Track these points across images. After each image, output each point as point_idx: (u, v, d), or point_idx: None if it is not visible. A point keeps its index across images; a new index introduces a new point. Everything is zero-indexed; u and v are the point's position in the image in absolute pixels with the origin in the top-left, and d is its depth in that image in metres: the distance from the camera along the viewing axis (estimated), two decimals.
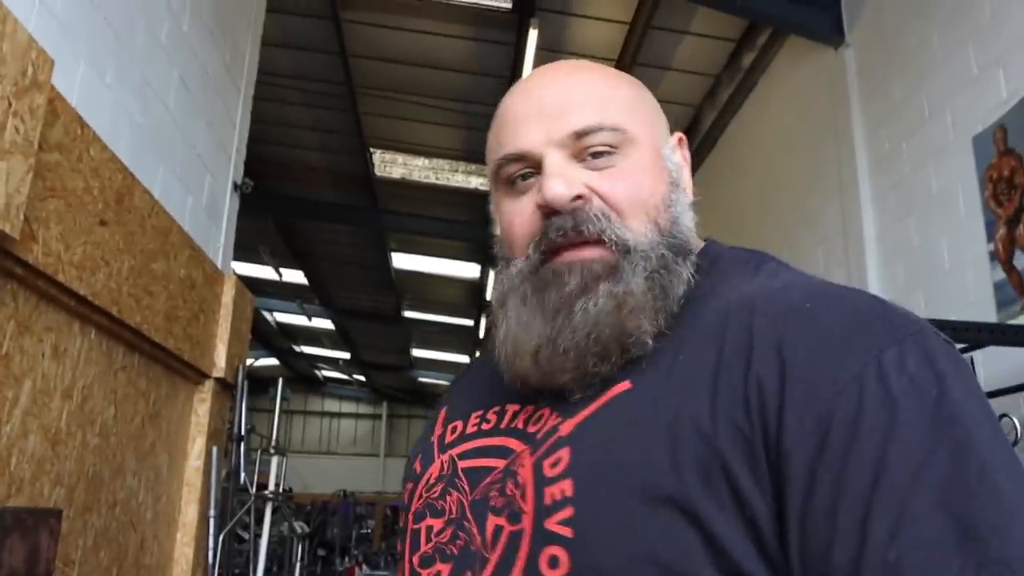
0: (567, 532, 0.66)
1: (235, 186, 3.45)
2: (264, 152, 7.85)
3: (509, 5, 5.55)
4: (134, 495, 2.47)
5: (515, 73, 6.23)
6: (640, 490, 0.64)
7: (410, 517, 0.81)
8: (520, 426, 0.77)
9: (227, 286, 3.16)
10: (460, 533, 0.74)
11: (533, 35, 5.47)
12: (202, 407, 3.00)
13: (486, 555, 0.70)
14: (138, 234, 2.34)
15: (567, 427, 0.71)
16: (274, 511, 3.98)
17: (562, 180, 0.75)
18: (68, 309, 2.02)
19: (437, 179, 8.69)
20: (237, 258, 3.57)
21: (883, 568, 0.55)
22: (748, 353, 0.66)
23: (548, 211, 0.76)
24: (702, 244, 0.84)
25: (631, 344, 0.72)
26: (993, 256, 2.99)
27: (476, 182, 8.63)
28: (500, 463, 0.75)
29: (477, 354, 16.51)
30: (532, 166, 0.79)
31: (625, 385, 0.72)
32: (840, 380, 0.62)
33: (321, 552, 18.03)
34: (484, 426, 0.81)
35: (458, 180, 8.69)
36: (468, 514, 0.74)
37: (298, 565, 5.05)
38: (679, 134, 0.88)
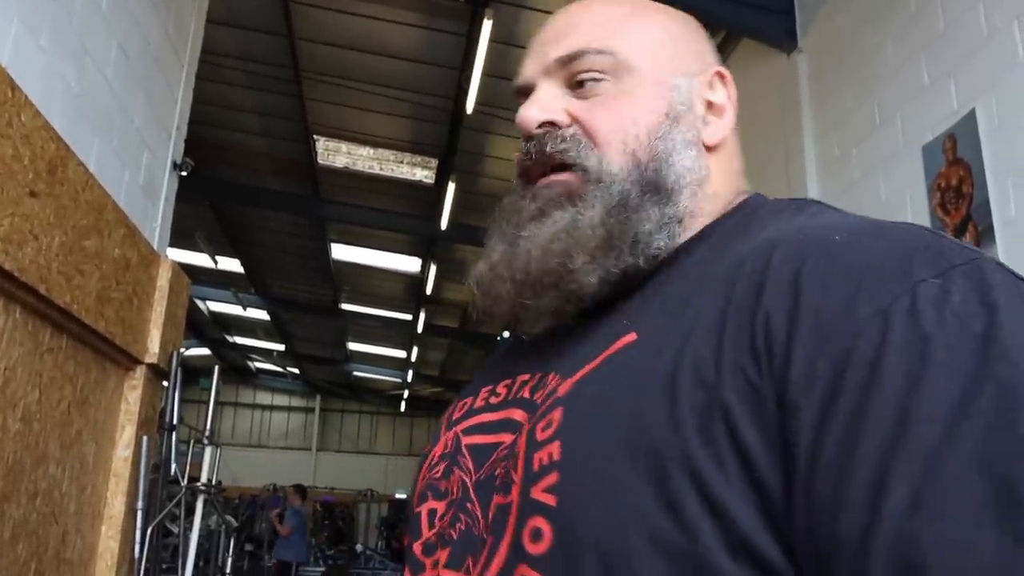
0: (551, 500, 0.57)
1: (174, 165, 3.30)
2: (204, 134, 7.64)
3: None
4: (57, 485, 2.33)
5: (466, 64, 6.16)
6: (630, 447, 0.55)
7: (415, 500, 0.75)
8: (527, 395, 0.70)
9: (163, 269, 3.02)
10: (461, 515, 0.66)
11: (487, 26, 5.40)
12: (133, 394, 2.85)
13: (484, 537, 0.63)
14: (70, 208, 2.20)
15: (564, 387, 0.64)
16: (204, 504, 3.84)
17: (536, 106, 0.74)
18: None
19: (381, 170, 8.58)
20: (172, 244, 3.43)
21: (898, 542, 0.44)
22: (760, 289, 0.56)
23: (524, 136, 0.75)
24: (739, 200, 0.76)
25: (566, 279, 0.68)
26: (932, 229, 3.03)
27: (421, 174, 8.54)
28: (507, 437, 0.68)
29: (415, 350, 16.41)
30: (529, 95, 0.77)
31: (630, 337, 0.63)
32: (863, 315, 0.50)
33: (249, 547, 17.72)
34: (492, 400, 0.74)
35: (403, 171, 8.59)
36: (472, 495, 0.67)
37: (229, 559, 4.90)
38: (717, 69, 0.79)
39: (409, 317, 14.01)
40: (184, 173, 3.39)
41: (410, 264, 11.48)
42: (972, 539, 0.42)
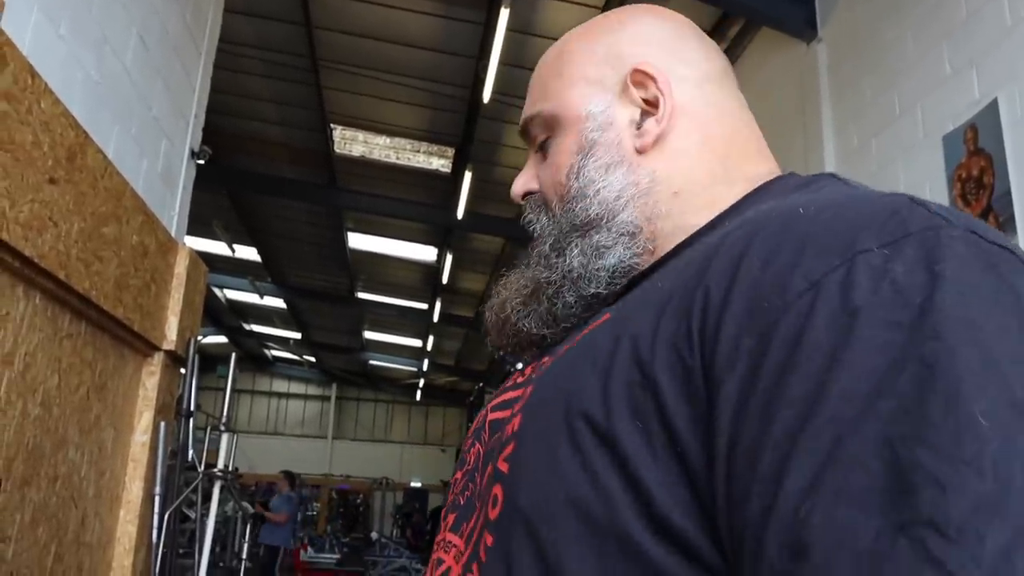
0: (505, 468, 0.61)
1: (192, 153, 3.32)
2: (222, 123, 7.67)
3: None
4: (76, 469, 2.36)
5: (483, 53, 6.15)
6: (567, 419, 0.56)
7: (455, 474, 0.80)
8: (535, 375, 0.74)
9: (181, 256, 3.03)
10: (470, 484, 0.70)
11: (504, 15, 5.38)
12: (151, 380, 2.87)
13: (475, 504, 0.67)
14: (89, 195, 2.22)
15: (546, 364, 0.69)
16: (221, 490, 3.87)
17: (517, 180, 0.83)
18: (12, 271, 1.90)
19: (398, 159, 8.58)
20: (190, 232, 3.44)
21: (793, 525, 0.41)
22: (707, 264, 0.54)
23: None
24: (752, 189, 0.72)
25: (508, 328, 0.79)
26: (925, 200, 3.00)
27: (438, 163, 8.54)
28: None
29: (431, 339, 16.45)
30: None
31: (604, 317, 0.67)
32: (794, 288, 0.47)
33: None
34: (519, 379, 0.77)
35: (419, 160, 8.58)
36: (480, 464, 0.70)
37: (245, 545, 4.94)
38: (634, 67, 0.75)
39: (425, 306, 14.04)
40: (202, 161, 3.40)
41: (426, 253, 11.49)
42: (857, 524, 0.40)
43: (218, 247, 11.48)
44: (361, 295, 14.10)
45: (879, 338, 0.43)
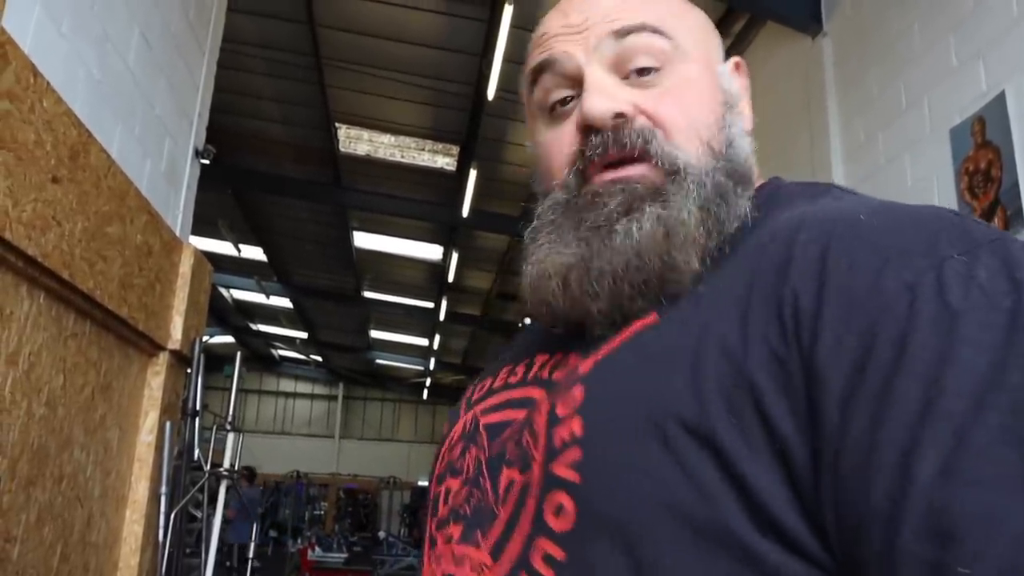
0: (574, 477, 0.57)
1: (196, 152, 3.31)
2: (226, 122, 7.67)
3: None
4: (81, 469, 2.35)
5: (487, 50, 6.14)
6: (654, 421, 0.55)
7: (434, 481, 0.75)
8: (545, 375, 0.70)
9: (185, 255, 3.03)
10: (475, 491, 0.66)
11: (508, 12, 5.37)
12: (156, 380, 2.87)
13: (496, 510, 0.63)
14: (93, 194, 2.21)
15: (585, 366, 0.63)
16: (228, 490, 3.87)
17: (603, 95, 0.67)
18: (15, 270, 1.89)
19: (403, 157, 8.58)
20: (195, 232, 3.44)
21: (930, 512, 0.44)
22: (787, 265, 0.56)
23: (588, 129, 0.68)
24: (759, 178, 0.75)
25: (674, 279, 0.63)
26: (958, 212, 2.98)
27: (443, 161, 8.53)
28: (521, 414, 0.67)
29: (437, 337, 16.44)
30: (570, 85, 0.71)
31: (650, 319, 0.63)
32: (889, 290, 0.50)
33: (273, 533, 17.89)
34: (511, 379, 0.74)
35: (424, 159, 8.58)
36: (484, 471, 0.67)
37: (252, 545, 4.95)
38: (737, 59, 0.78)
39: (431, 305, 14.04)
40: (206, 161, 3.39)
41: (432, 252, 11.49)
42: (1006, 508, 0.43)
43: (224, 247, 11.50)
44: (367, 294, 14.10)
45: (981, 339, 0.47)
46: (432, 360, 19.10)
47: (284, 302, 15.38)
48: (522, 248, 0.75)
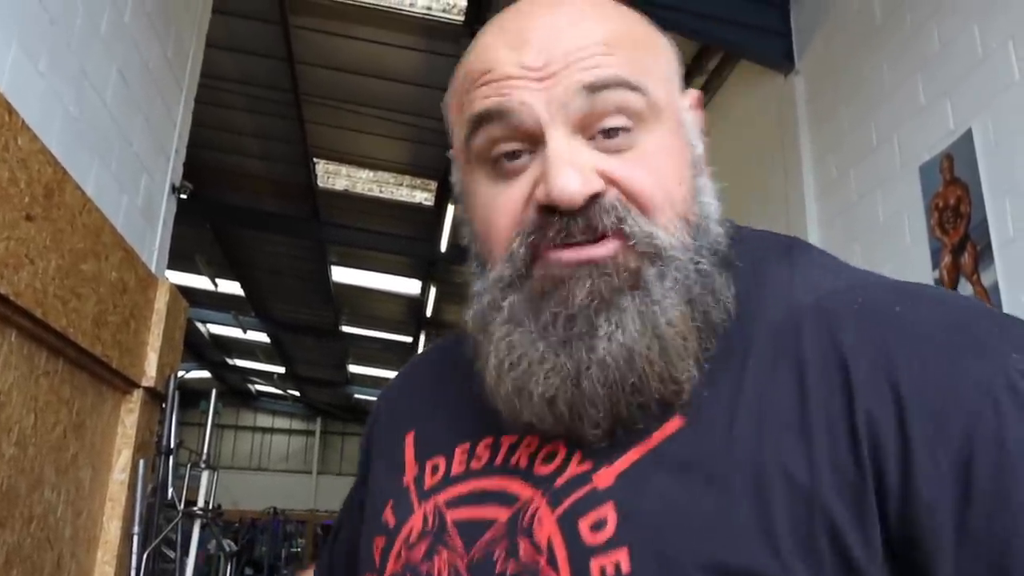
0: None
1: (173, 188, 3.31)
2: (204, 157, 7.66)
3: (462, 18, 5.51)
4: (52, 510, 2.31)
5: None
6: (718, 565, 0.50)
7: None
8: (523, 464, 0.61)
9: (161, 291, 3.01)
10: None
11: None
12: (129, 418, 2.84)
13: None
14: (67, 232, 2.20)
15: (605, 478, 0.55)
16: (203, 528, 3.81)
17: (574, 171, 0.57)
18: None
19: (381, 192, 8.59)
20: (172, 267, 3.43)
21: None
22: (845, 379, 0.52)
23: (550, 210, 0.58)
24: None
25: (674, 392, 0.56)
26: (938, 283, 3.02)
27: (421, 196, 8.56)
28: (501, 513, 0.59)
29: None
30: (522, 139, 0.61)
31: (676, 423, 0.56)
32: (967, 399, 0.50)
33: (249, 571, 17.60)
34: (474, 464, 0.64)
35: (403, 194, 8.60)
36: None
37: None
38: (695, 92, 0.69)
39: (410, 339, 13.98)
40: (183, 196, 3.39)
41: (410, 286, 11.48)
42: None
43: (201, 281, 11.43)
44: (345, 329, 14.04)
45: None
46: None
47: (261, 337, 15.27)
48: (470, 338, 0.64)
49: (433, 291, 10.99)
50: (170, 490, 3.15)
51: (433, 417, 0.72)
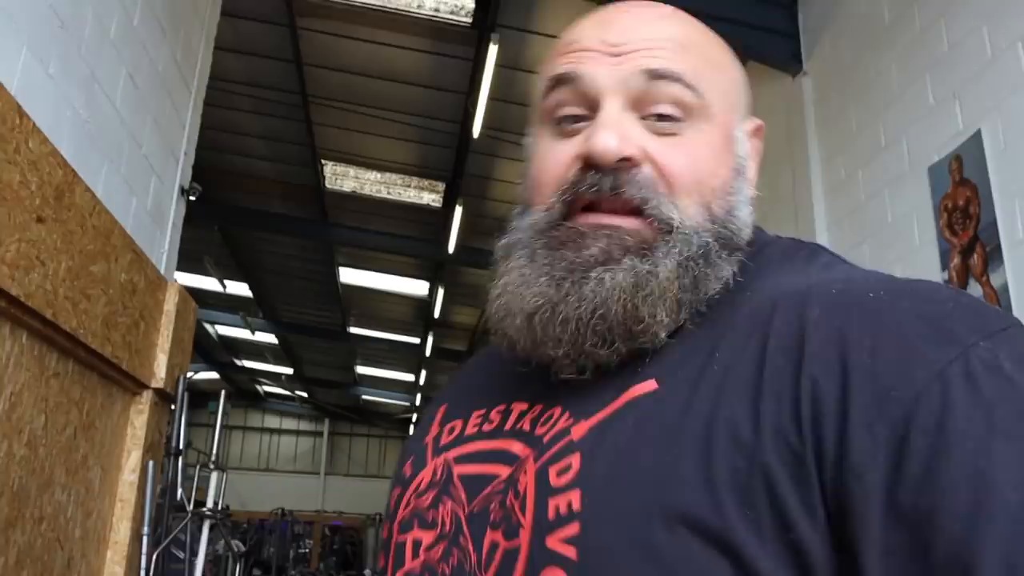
0: (571, 552, 0.55)
1: (182, 190, 3.32)
2: (212, 159, 7.69)
3: (469, 20, 5.52)
4: (62, 510, 2.33)
5: (472, 88, 6.20)
6: (663, 508, 0.53)
7: (395, 527, 0.71)
8: (526, 428, 0.67)
9: (170, 293, 3.03)
10: (454, 550, 0.64)
11: (493, 51, 5.43)
12: (139, 419, 2.85)
13: (479, 575, 0.61)
14: (77, 234, 2.22)
15: (579, 430, 0.61)
16: (211, 529, 3.83)
17: (615, 133, 0.64)
18: None
19: (389, 194, 8.61)
20: (180, 268, 3.44)
21: None
22: (799, 349, 0.55)
23: (589, 164, 0.65)
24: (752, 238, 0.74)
25: (639, 332, 0.62)
26: (947, 284, 3.01)
27: (428, 198, 8.57)
28: (503, 470, 0.65)
29: (423, 373, 16.38)
30: (586, 105, 0.68)
31: (650, 385, 0.61)
32: (919, 378, 0.50)
33: (257, 572, 17.63)
34: (486, 427, 0.70)
35: (410, 195, 8.61)
36: (465, 529, 0.64)
37: None
38: (759, 122, 0.77)
39: (417, 340, 14.00)
40: (192, 198, 3.40)
41: (418, 287, 11.49)
42: None
43: (209, 283, 11.46)
44: (353, 330, 14.06)
45: (1020, 431, 0.48)
46: (419, 396, 18.99)
47: (269, 338, 15.31)
48: (493, 261, 0.72)
49: (441, 292, 11.00)
50: (179, 491, 3.17)
51: (463, 393, 0.80)
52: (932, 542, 0.47)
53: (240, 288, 12.17)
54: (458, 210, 8.11)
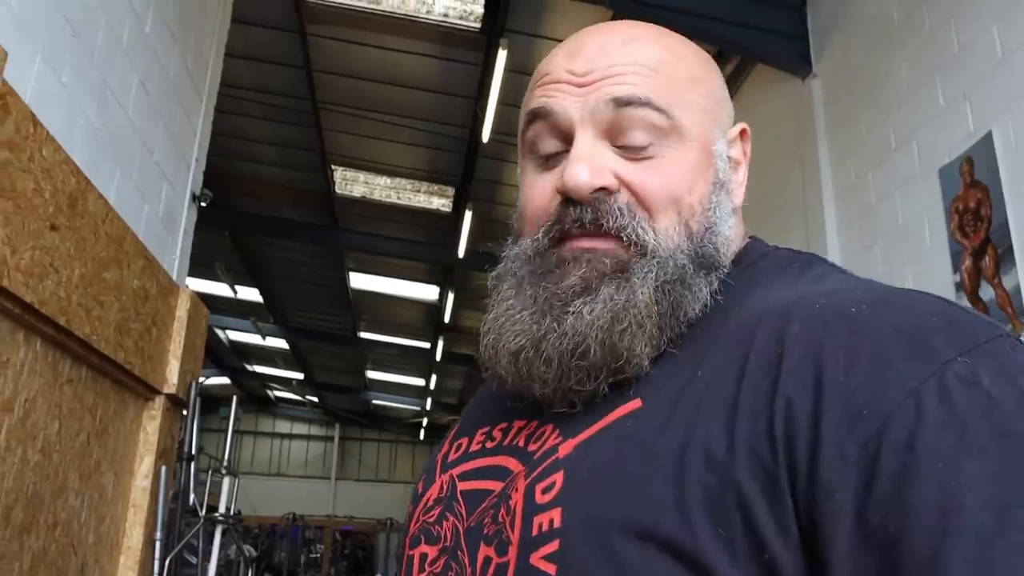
0: (550, 569, 0.56)
1: (193, 197, 3.34)
2: (223, 166, 7.72)
3: (478, 25, 5.53)
4: (76, 516, 2.34)
5: (481, 93, 6.21)
6: (635, 526, 0.54)
7: (407, 542, 0.73)
8: (521, 444, 0.68)
9: (182, 299, 3.04)
10: (452, 564, 0.65)
11: (502, 56, 5.45)
12: (151, 424, 2.87)
13: None
14: (90, 241, 2.23)
15: (565, 448, 0.62)
16: (223, 534, 3.84)
17: (586, 166, 0.66)
18: (13, 317, 1.90)
19: (399, 199, 8.63)
20: (191, 274, 3.45)
21: None
22: (777, 365, 0.55)
23: (567, 197, 0.67)
24: (742, 246, 0.74)
25: (620, 367, 0.63)
26: (959, 287, 3.00)
27: (438, 203, 8.59)
28: (497, 485, 0.67)
29: (434, 378, 16.39)
30: (561, 138, 0.70)
31: (634, 404, 0.62)
32: (891, 398, 0.50)
33: None
34: (488, 444, 0.73)
35: (420, 200, 8.63)
36: (462, 543, 0.66)
37: None
38: (742, 125, 0.77)
39: (428, 345, 14.02)
40: (203, 204, 3.42)
41: (428, 292, 11.51)
42: None
43: (220, 288, 11.50)
44: (363, 335, 14.09)
45: (994, 448, 0.47)
46: (429, 400, 19.02)
47: (280, 343, 15.34)
48: (488, 289, 0.74)
49: (451, 297, 11.01)
50: (191, 496, 3.18)
51: (475, 411, 0.83)
52: (900, 562, 0.46)
53: (251, 293, 12.21)
54: (468, 214, 8.12)
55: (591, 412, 0.64)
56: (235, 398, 3.97)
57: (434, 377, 16.65)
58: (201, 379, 3.20)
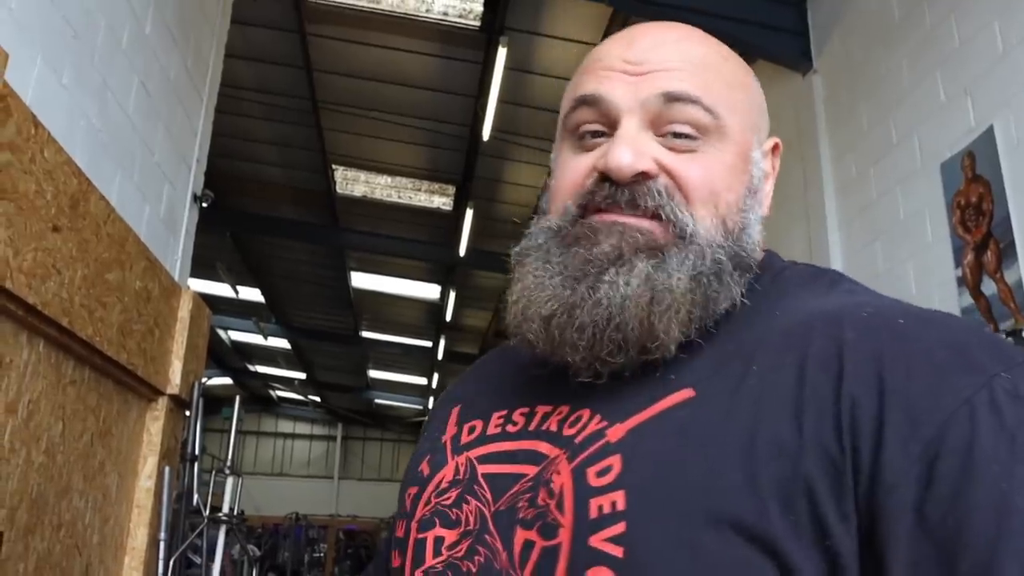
0: (617, 551, 0.57)
1: (195, 197, 3.34)
2: (224, 166, 7.72)
3: (478, 24, 5.53)
4: (80, 517, 2.34)
5: (482, 91, 6.21)
6: (708, 511, 0.56)
7: (414, 525, 0.72)
8: (553, 428, 0.68)
9: (184, 300, 3.04)
10: (480, 548, 0.65)
11: (502, 54, 5.44)
12: (155, 425, 2.87)
13: (513, 574, 0.62)
14: (92, 242, 2.23)
15: (616, 432, 0.63)
16: (227, 534, 3.84)
17: (631, 149, 0.67)
18: (16, 319, 1.91)
19: (399, 198, 8.62)
20: (193, 274, 3.45)
21: None
22: (838, 367, 0.59)
23: (605, 177, 0.68)
24: (761, 257, 0.76)
25: (654, 348, 0.64)
26: (961, 282, 3.00)
27: (439, 201, 8.58)
28: (530, 469, 0.66)
29: (436, 376, 16.40)
30: (606, 123, 0.71)
31: (687, 392, 0.63)
32: (948, 404, 0.55)
33: None
34: (509, 428, 0.72)
35: (421, 199, 8.63)
36: (491, 527, 0.65)
37: None
38: (775, 140, 0.79)
39: (429, 344, 14.02)
40: (204, 205, 3.42)
41: (430, 291, 11.50)
42: None
43: (222, 289, 11.50)
44: (365, 334, 14.09)
45: None
46: (431, 399, 19.01)
47: (282, 343, 15.35)
48: (509, 267, 0.75)
49: (452, 295, 11.01)
50: (195, 496, 3.18)
51: (477, 393, 0.82)
52: (958, 555, 0.51)
53: (252, 294, 12.21)
54: (469, 213, 8.12)
55: (635, 397, 0.65)
56: (238, 398, 3.97)
57: (436, 376, 16.65)
58: (204, 379, 3.20)
